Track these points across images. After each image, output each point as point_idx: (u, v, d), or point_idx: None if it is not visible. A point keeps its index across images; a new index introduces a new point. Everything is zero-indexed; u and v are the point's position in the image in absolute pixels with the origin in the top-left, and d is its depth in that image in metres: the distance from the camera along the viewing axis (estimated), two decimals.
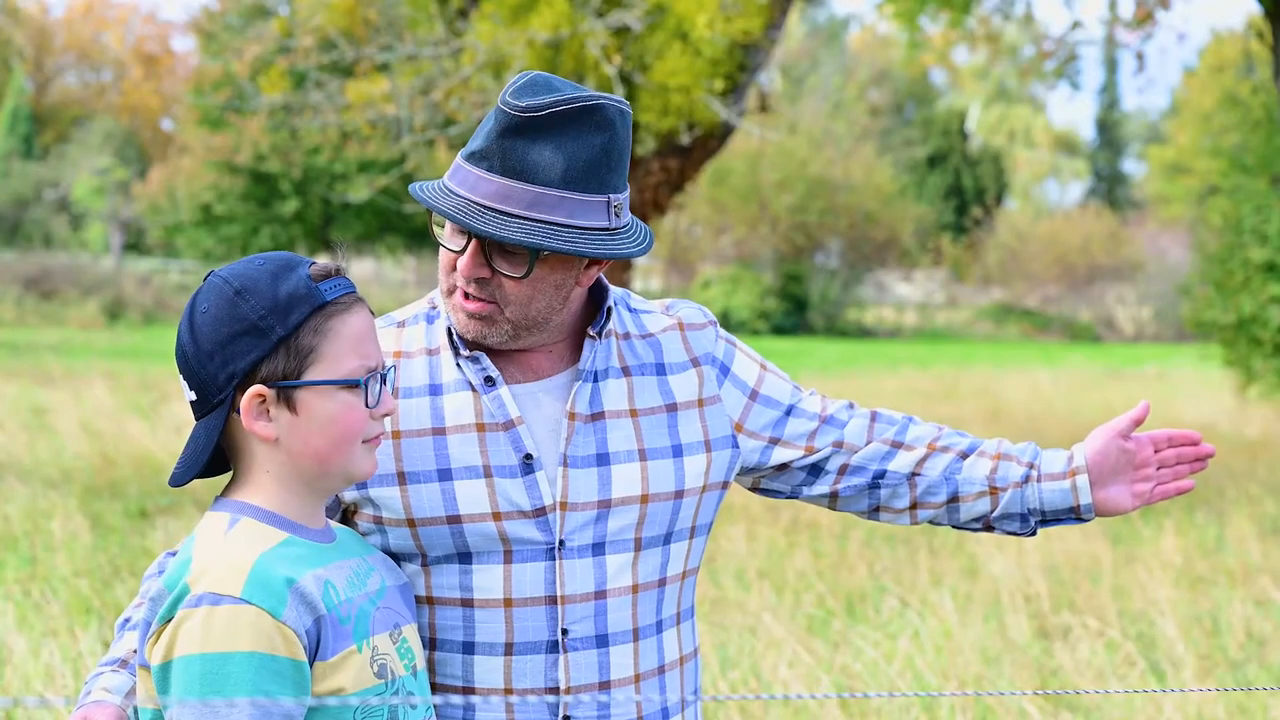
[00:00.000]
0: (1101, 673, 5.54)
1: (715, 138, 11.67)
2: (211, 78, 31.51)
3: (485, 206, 2.02)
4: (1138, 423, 2.25)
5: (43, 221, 42.41)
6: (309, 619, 1.84)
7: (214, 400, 1.91)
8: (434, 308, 2.21)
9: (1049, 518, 2.30)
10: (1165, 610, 6.41)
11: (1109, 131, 61.38)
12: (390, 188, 29.77)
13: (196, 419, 1.94)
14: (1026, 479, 2.28)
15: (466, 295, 2.09)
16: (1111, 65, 59.36)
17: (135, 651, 2.03)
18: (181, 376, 1.94)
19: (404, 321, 2.21)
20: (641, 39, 11.16)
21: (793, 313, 38.51)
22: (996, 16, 14.48)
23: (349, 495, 2.13)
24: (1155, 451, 2.28)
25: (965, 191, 49.58)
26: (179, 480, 1.95)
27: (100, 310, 31.16)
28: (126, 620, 2.11)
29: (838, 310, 39.96)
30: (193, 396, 1.93)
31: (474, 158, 2.04)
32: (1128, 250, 42.70)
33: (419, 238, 36.94)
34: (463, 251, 2.07)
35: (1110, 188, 60.70)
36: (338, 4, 12.30)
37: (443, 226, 2.12)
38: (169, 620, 1.82)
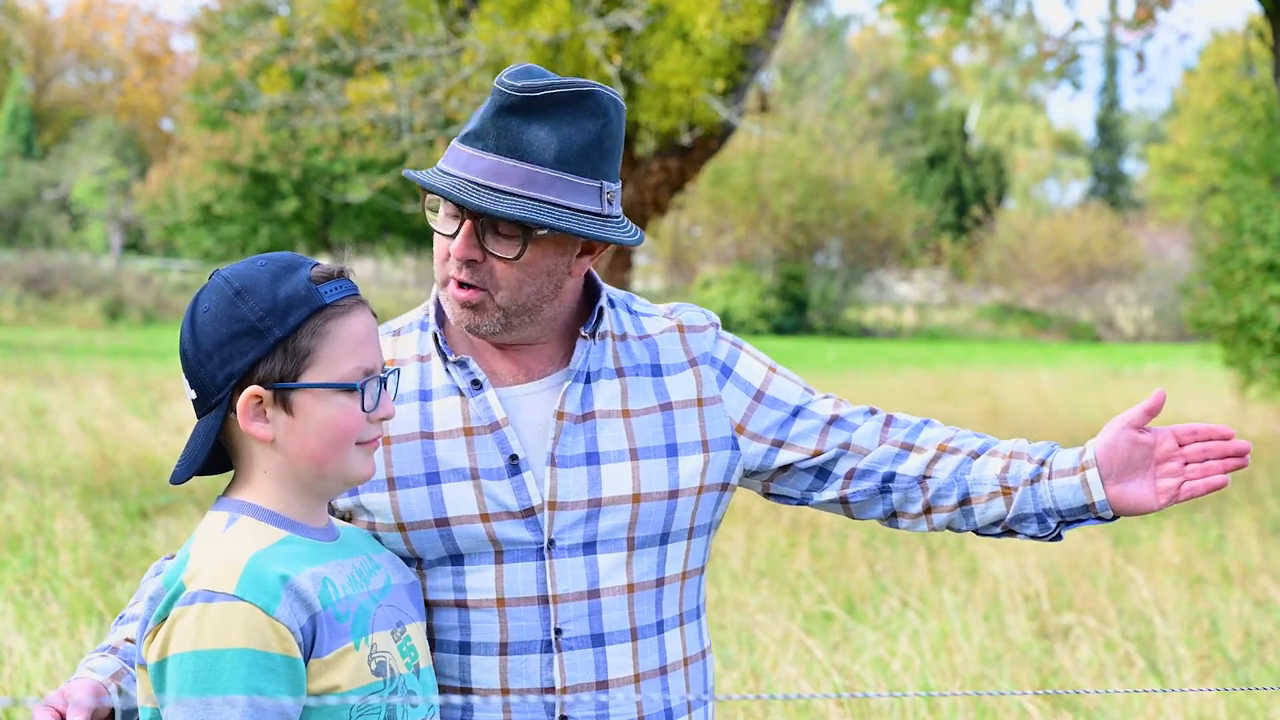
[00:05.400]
0: (1101, 673, 5.54)
1: (715, 138, 11.67)
2: (211, 78, 31.47)
3: (479, 184, 2.01)
4: (1151, 413, 2.09)
5: (43, 221, 42.44)
6: (304, 616, 1.84)
7: (213, 400, 1.92)
8: (428, 315, 2.21)
9: (1068, 518, 2.15)
10: (1165, 610, 6.41)
11: (1109, 131, 61.40)
12: (390, 188, 29.78)
13: (197, 417, 1.95)
14: (1037, 476, 2.15)
15: (460, 284, 2.08)
16: (1112, 65, 59.38)
17: (128, 640, 2.05)
18: (183, 374, 1.95)
19: (399, 330, 2.22)
20: (642, 39, 11.16)
21: (793, 313, 38.51)
22: (997, 16, 14.48)
23: (342, 503, 2.14)
24: (1180, 446, 2.12)
25: (965, 191, 49.61)
26: (179, 478, 1.96)
27: (100, 310, 31.17)
28: (122, 616, 2.13)
29: (838, 310, 39.96)
30: (193, 395, 1.94)
31: (468, 138, 2.04)
32: (1128, 250, 42.72)
33: (419, 238, 36.93)
34: (455, 234, 2.06)
35: (1110, 188, 60.73)
36: (338, 4, 12.28)
37: (436, 212, 2.10)
38: (165, 618, 1.83)
